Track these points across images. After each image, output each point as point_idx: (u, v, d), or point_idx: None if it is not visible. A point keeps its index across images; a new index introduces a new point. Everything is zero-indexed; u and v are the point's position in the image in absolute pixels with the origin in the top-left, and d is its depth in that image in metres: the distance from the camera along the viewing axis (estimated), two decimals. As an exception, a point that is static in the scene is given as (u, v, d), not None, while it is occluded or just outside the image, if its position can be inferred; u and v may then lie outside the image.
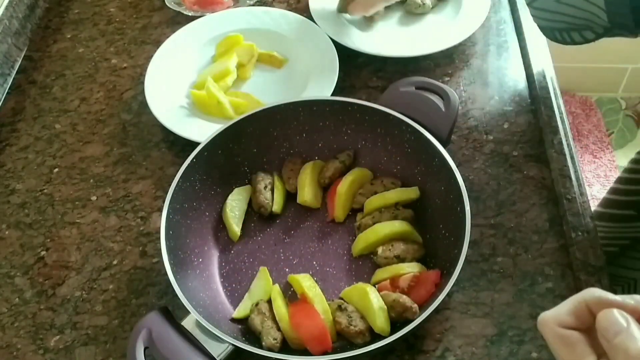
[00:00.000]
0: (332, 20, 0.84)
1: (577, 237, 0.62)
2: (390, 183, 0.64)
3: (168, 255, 0.54)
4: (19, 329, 0.60)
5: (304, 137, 0.67)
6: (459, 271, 0.52)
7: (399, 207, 0.62)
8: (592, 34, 0.54)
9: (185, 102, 0.77)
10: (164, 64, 0.79)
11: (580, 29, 0.54)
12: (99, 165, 0.73)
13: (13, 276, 0.64)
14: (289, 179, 0.66)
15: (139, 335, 0.50)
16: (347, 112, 0.64)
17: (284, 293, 0.58)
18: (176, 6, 0.88)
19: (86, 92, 0.81)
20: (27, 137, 0.76)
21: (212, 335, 0.51)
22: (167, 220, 0.56)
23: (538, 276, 0.60)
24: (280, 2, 0.91)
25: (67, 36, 0.89)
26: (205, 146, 0.62)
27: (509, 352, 0.56)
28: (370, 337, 0.54)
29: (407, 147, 0.64)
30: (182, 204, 0.59)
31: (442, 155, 0.59)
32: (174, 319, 0.52)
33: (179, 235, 0.58)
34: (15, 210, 0.69)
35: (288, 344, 0.55)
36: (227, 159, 0.64)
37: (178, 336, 0.51)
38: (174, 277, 0.52)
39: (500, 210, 0.65)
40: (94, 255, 0.65)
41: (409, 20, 0.87)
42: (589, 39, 0.55)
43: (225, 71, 0.78)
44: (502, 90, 0.77)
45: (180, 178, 0.59)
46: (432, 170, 0.62)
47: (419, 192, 0.63)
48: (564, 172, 0.67)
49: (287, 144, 0.67)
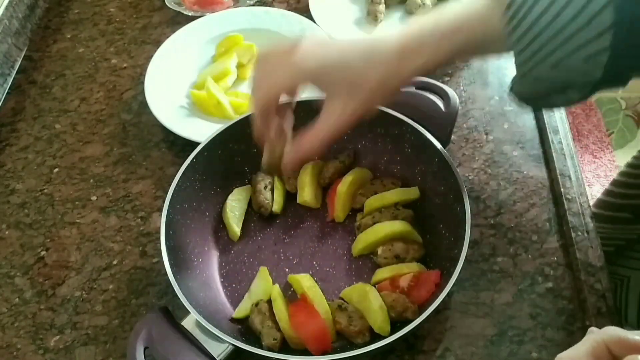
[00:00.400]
0: (332, 20, 0.84)
1: (577, 237, 0.62)
2: (390, 183, 0.64)
3: (168, 255, 0.54)
4: (19, 329, 0.60)
5: None
6: (459, 271, 0.52)
7: (399, 207, 0.62)
8: (577, 92, 0.50)
9: (185, 102, 0.77)
10: (164, 64, 0.79)
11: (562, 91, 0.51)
12: (99, 165, 0.73)
13: (13, 276, 0.64)
14: (289, 179, 0.66)
15: (139, 335, 0.50)
16: None
17: (284, 293, 0.58)
18: (176, 6, 0.88)
19: (86, 92, 0.81)
20: (27, 137, 0.76)
21: (212, 335, 0.51)
22: (167, 220, 0.56)
23: (538, 276, 0.60)
24: (280, 2, 0.91)
25: (67, 36, 0.89)
26: (205, 146, 0.62)
27: (509, 352, 0.56)
28: (370, 337, 0.54)
29: (407, 147, 0.64)
30: (182, 204, 0.59)
31: (442, 155, 0.59)
32: (174, 319, 0.52)
33: (179, 235, 0.58)
34: (15, 210, 0.69)
35: (288, 344, 0.55)
36: (227, 159, 0.64)
37: (178, 336, 0.51)
38: (173, 277, 0.52)
39: (500, 210, 0.65)
40: (94, 255, 0.65)
41: (409, 21, 0.86)
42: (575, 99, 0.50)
43: (225, 71, 0.78)
44: (502, 90, 0.77)
45: (180, 178, 0.59)
46: (432, 170, 0.62)
47: (419, 192, 0.63)
48: (564, 172, 0.67)
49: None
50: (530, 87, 0.51)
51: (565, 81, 0.50)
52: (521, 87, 0.52)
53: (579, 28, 0.45)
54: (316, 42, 0.50)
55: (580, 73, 0.48)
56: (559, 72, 0.48)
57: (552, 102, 0.53)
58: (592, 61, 0.46)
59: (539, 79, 0.50)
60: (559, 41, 0.46)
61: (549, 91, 0.51)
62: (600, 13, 0.44)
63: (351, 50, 0.49)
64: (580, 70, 0.48)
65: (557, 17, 0.45)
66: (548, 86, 0.51)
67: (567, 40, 0.46)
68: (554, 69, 0.48)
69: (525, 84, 0.51)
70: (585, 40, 0.45)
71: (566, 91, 0.51)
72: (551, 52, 0.47)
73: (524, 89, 0.53)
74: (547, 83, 0.50)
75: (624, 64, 0.46)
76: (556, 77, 0.49)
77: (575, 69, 0.47)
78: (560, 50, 0.46)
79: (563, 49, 0.46)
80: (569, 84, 0.50)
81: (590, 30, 0.45)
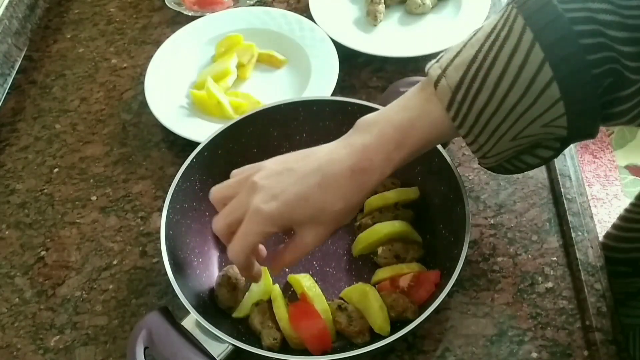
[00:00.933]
0: (332, 20, 0.84)
1: (577, 237, 0.62)
2: (390, 183, 0.64)
3: (168, 255, 0.54)
4: (19, 329, 0.60)
5: (304, 137, 0.67)
6: (459, 271, 0.52)
7: (399, 207, 0.62)
8: (548, 151, 0.49)
9: (185, 102, 0.77)
10: (164, 64, 0.79)
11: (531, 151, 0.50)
12: (99, 165, 0.73)
13: (13, 276, 0.64)
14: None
15: (139, 336, 0.50)
16: (347, 112, 0.64)
17: (284, 293, 0.58)
18: (176, 6, 0.88)
19: (86, 92, 0.81)
20: (27, 137, 0.76)
21: (212, 335, 0.51)
22: (167, 220, 0.56)
23: (538, 276, 0.60)
24: (280, 2, 0.91)
25: (67, 36, 0.89)
26: (205, 146, 0.61)
27: (509, 352, 0.56)
28: (370, 337, 0.54)
29: None
30: (182, 204, 0.59)
31: (442, 155, 0.59)
32: (174, 319, 0.52)
33: (179, 235, 0.58)
34: (15, 210, 0.69)
35: (288, 344, 0.55)
36: (227, 159, 0.64)
37: (178, 336, 0.51)
38: (174, 277, 0.52)
39: (500, 210, 0.65)
40: (94, 255, 0.65)
41: (409, 20, 0.87)
42: (546, 157, 0.50)
43: (225, 71, 0.78)
44: (502, 90, 0.77)
45: (180, 178, 0.59)
46: (432, 170, 0.62)
47: (418, 192, 0.63)
48: (564, 172, 0.67)
49: (287, 143, 0.67)
50: (496, 161, 0.51)
51: (530, 144, 0.49)
52: (488, 164, 0.52)
53: (527, 107, 0.44)
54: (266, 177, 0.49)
55: (543, 136, 0.47)
56: (520, 141, 0.48)
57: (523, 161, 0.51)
58: (552, 126, 0.45)
59: (501, 153, 0.49)
60: (510, 122, 0.45)
61: (517, 154, 0.50)
62: (545, 90, 0.43)
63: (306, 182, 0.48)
64: (542, 135, 0.47)
65: (502, 104, 0.45)
66: (514, 152, 0.50)
67: (519, 118, 0.45)
68: (514, 141, 0.47)
69: (491, 161, 0.50)
70: (538, 114, 0.44)
71: (535, 150, 0.50)
72: (506, 131, 0.46)
73: (492, 165, 0.52)
74: (512, 151, 0.49)
75: (586, 122, 0.45)
76: (519, 145, 0.48)
77: (536, 134, 0.47)
78: (514, 127, 0.46)
79: (516, 126, 0.46)
80: (536, 144, 0.49)
81: (540, 106, 0.44)
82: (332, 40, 0.80)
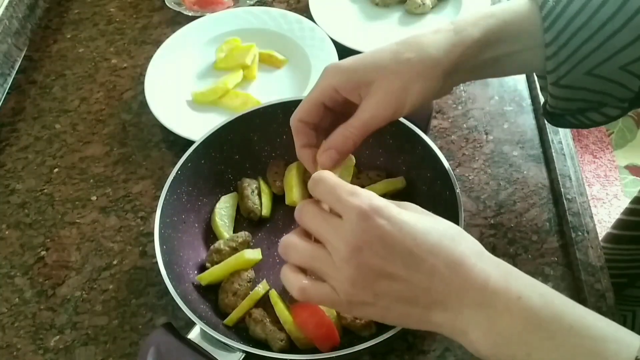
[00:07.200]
0: (332, 20, 0.84)
1: (577, 237, 0.62)
2: (375, 175, 0.64)
3: (166, 269, 0.53)
4: (19, 329, 0.60)
5: (284, 138, 0.66)
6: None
7: (387, 198, 0.62)
8: (615, 110, 0.48)
9: (185, 102, 0.77)
10: (164, 64, 0.79)
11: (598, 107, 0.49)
12: (99, 165, 0.73)
13: (13, 276, 0.64)
14: (274, 182, 0.65)
15: (148, 353, 0.49)
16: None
17: (283, 296, 0.58)
18: (176, 6, 0.88)
19: (86, 92, 0.81)
20: (27, 137, 0.76)
21: (220, 345, 0.50)
22: (160, 236, 0.55)
23: (538, 276, 0.60)
24: (280, 2, 0.91)
25: (67, 36, 0.89)
26: (188, 157, 0.60)
27: (509, 352, 0.56)
28: (376, 329, 0.54)
29: (389, 138, 0.63)
30: (171, 218, 0.58)
31: (425, 142, 0.59)
32: (179, 333, 0.51)
33: (173, 250, 0.57)
34: (15, 210, 0.69)
35: (295, 344, 0.54)
36: (210, 168, 0.63)
37: (187, 350, 0.50)
38: (175, 291, 0.51)
39: (500, 210, 0.65)
40: (94, 255, 0.65)
41: (409, 20, 0.87)
42: (613, 115, 0.49)
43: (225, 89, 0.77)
44: (502, 90, 0.77)
45: (168, 192, 0.58)
46: (416, 159, 0.61)
47: (405, 182, 0.63)
48: (564, 172, 0.67)
49: (268, 147, 0.67)
50: (564, 97, 0.49)
51: (600, 92, 0.48)
52: (555, 100, 0.50)
53: (615, 30, 0.43)
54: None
55: (616, 84, 0.46)
56: (593, 81, 0.46)
57: (589, 118, 0.51)
58: (627, 71, 0.44)
59: (572, 88, 0.48)
60: (594, 44, 0.44)
61: (584, 106, 0.50)
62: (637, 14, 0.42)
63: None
64: (616, 81, 0.46)
65: (593, 18, 0.44)
66: (583, 98, 0.49)
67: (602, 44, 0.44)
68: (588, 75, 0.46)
69: (559, 94, 0.49)
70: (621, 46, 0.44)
71: (603, 108, 0.49)
72: (586, 56, 0.45)
73: (558, 103, 0.50)
74: (582, 94, 0.48)
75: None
76: (591, 87, 0.47)
77: (610, 78, 0.46)
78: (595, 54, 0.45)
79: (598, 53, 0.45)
80: (605, 98, 0.48)
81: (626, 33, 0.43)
82: (332, 40, 0.80)
